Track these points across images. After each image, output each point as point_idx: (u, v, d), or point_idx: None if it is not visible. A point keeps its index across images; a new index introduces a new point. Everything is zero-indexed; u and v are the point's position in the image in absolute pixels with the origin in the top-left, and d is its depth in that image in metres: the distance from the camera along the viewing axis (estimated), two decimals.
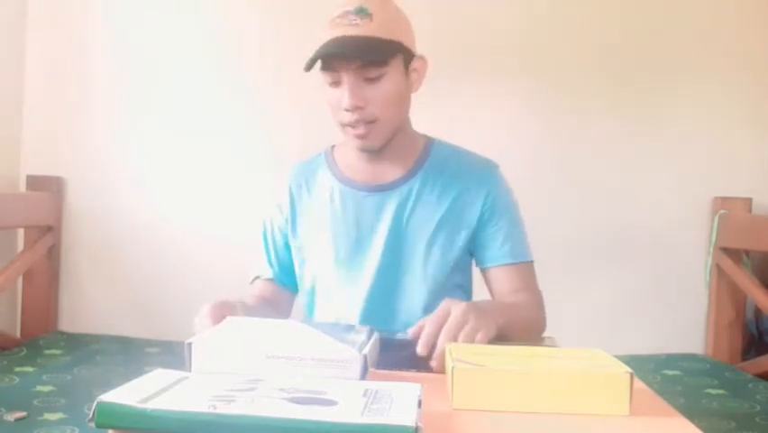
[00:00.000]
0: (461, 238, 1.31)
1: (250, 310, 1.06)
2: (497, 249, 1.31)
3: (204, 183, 2.58)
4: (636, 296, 2.55)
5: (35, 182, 2.55)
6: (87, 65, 2.59)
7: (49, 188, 2.54)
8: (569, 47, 2.57)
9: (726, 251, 2.47)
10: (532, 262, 1.34)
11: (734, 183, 2.55)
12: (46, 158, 2.58)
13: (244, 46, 2.58)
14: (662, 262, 2.56)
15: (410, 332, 0.99)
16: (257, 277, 1.40)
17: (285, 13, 2.55)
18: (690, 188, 2.58)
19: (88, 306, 2.60)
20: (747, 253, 2.51)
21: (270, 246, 1.39)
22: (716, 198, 2.55)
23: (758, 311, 2.49)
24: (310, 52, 1.20)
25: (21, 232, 2.56)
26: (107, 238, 2.59)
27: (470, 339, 0.96)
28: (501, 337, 1.06)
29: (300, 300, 1.40)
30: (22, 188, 2.57)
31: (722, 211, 2.51)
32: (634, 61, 2.57)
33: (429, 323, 0.97)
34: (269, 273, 1.38)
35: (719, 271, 2.50)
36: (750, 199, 2.53)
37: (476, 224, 1.31)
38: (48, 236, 2.52)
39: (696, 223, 2.58)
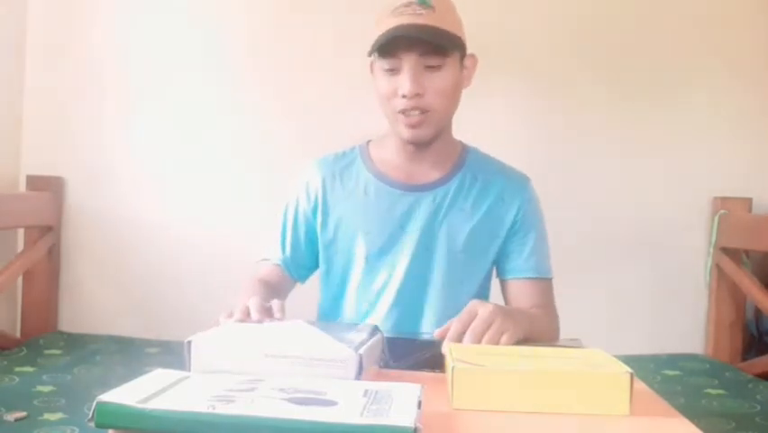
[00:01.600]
0: (493, 248, 1.32)
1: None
2: (522, 261, 1.31)
3: (204, 183, 2.58)
4: (637, 296, 2.55)
5: (35, 182, 2.55)
6: (87, 65, 2.59)
7: (49, 188, 2.54)
8: (568, 48, 2.57)
9: (726, 251, 2.47)
10: (552, 279, 1.35)
11: (734, 183, 2.55)
12: (46, 158, 2.58)
13: (244, 47, 2.58)
14: (662, 262, 2.56)
15: (436, 333, 0.99)
16: (265, 259, 1.40)
17: (283, 16, 2.55)
18: (690, 188, 2.58)
19: (88, 306, 2.60)
20: (747, 253, 2.51)
21: (289, 231, 1.38)
22: (716, 198, 2.55)
23: (758, 311, 2.49)
24: (312, 55, 1.21)
25: (21, 232, 2.56)
26: (107, 238, 2.59)
27: (495, 341, 0.96)
28: (522, 344, 1.06)
29: (323, 294, 1.39)
30: (23, 188, 2.57)
31: (722, 211, 2.51)
32: (634, 62, 2.57)
33: (455, 323, 0.98)
34: (278, 258, 1.38)
35: (719, 271, 2.50)
36: (750, 199, 2.53)
37: (505, 234, 1.32)
38: (48, 236, 2.52)
39: (696, 223, 2.58)
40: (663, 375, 2.21)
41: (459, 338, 0.96)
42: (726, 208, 2.51)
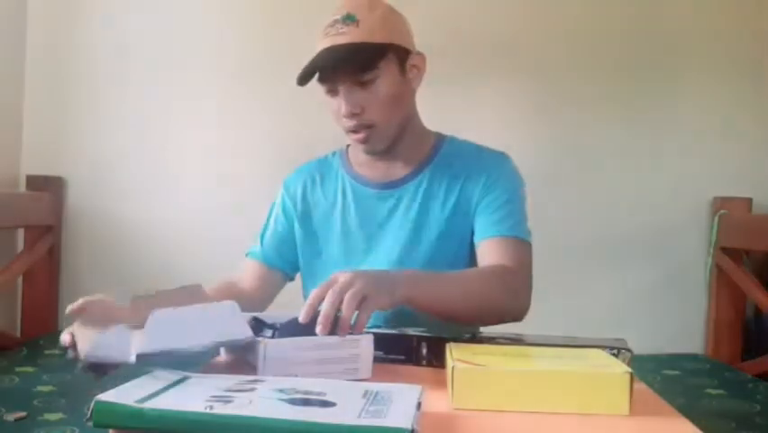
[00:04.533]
0: (469, 228, 1.28)
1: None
2: (484, 222, 1.24)
3: (204, 183, 2.58)
4: (636, 296, 2.55)
5: (35, 182, 2.55)
6: (87, 65, 2.59)
7: (49, 188, 2.54)
8: (569, 48, 2.57)
9: (726, 251, 2.47)
10: (526, 241, 1.24)
11: (734, 183, 2.55)
12: (46, 158, 2.58)
13: (243, 46, 2.58)
14: (662, 262, 2.56)
15: (302, 317, 0.90)
16: (247, 254, 1.41)
17: (284, 13, 2.55)
18: (690, 188, 2.58)
19: None
20: (747, 253, 2.51)
21: (270, 227, 1.40)
22: (716, 198, 2.55)
23: (758, 311, 2.49)
24: (307, 54, 1.21)
25: (21, 232, 2.56)
26: (107, 238, 2.59)
27: (354, 304, 0.89)
28: (423, 308, 1.02)
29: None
30: (22, 188, 2.57)
31: (722, 211, 2.50)
32: (634, 62, 2.57)
33: (310, 296, 0.91)
34: (258, 251, 1.39)
35: (719, 271, 2.50)
36: (750, 199, 2.53)
37: (475, 207, 1.27)
38: (48, 236, 2.51)
39: (696, 223, 2.58)
40: (663, 375, 2.21)
41: (316, 307, 0.89)
42: (726, 208, 2.50)
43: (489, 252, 1.22)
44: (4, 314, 2.53)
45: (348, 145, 1.41)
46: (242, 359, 0.85)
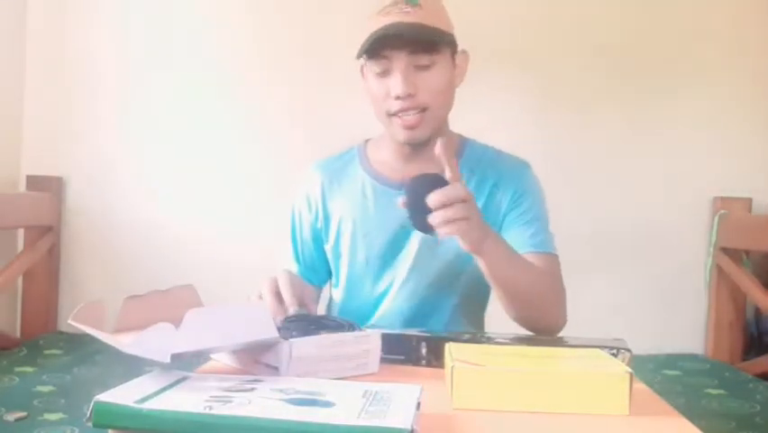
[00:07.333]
0: None
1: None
2: (515, 237, 1.24)
3: (204, 183, 2.58)
4: (636, 296, 2.55)
5: (35, 182, 2.55)
6: (87, 65, 2.59)
7: (49, 188, 2.54)
8: (569, 47, 2.57)
9: (726, 251, 2.47)
10: (556, 255, 1.27)
11: (734, 183, 2.55)
12: (46, 158, 2.58)
13: (244, 46, 2.58)
14: (662, 262, 2.56)
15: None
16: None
17: (284, 15, 2.55)
18: (690, 188, 2.58)
19: None
20: (747, 253, 2.51)
21: (298, 242, 1.37)
22: (716, 198, 2.55)
23: (758, 311, 2.49)
24: (312, 54, 1.20)
25: (21, 232, 2.56)
26: (107, 238, 2.59)
27: (459, 215, 0.99)
28: (489, 275, 1.08)
29: (332, 299, 1.39)
30: (22, 188, 2.57)
31: (722, 211, 2.50)
32: (634, 61, 2.57)
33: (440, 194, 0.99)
34: (295, 269, 1.36)
35: (719, 271, 2.50)
36: (750, 199, 2.53)
37: (501, 221, 1.27)
38: (48, 236, 2.52)
39: (696, 223, 2.58)
40: (663, 375, 2.21)
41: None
42: (726, 208, 2.50)
43: None
44: (4, 314, 2.53)
45: (367, 141, 1.37)
46: (251, 360, 0.85)
